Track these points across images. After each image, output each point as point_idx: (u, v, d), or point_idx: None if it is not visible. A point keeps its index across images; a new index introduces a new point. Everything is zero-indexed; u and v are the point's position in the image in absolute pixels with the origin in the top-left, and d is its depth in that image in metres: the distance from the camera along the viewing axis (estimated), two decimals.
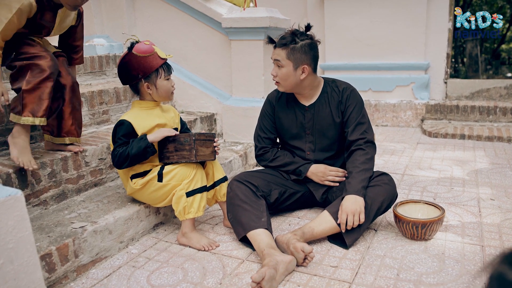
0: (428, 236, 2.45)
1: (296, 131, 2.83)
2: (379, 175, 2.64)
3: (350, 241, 2.41)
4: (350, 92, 2.75)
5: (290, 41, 2.57)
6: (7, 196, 1.32)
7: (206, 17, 4.22)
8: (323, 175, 2.78)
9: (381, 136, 5.24)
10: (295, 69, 2.60)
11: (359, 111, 2.72)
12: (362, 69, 6.02)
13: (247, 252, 2.42)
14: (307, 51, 2.59)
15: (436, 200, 3.07)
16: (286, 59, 2.58)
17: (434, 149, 4.55)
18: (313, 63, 2.64)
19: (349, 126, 2.70)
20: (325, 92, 2.77)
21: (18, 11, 2.33)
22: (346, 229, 2.38)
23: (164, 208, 2.81)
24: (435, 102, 5.67)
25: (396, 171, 3.78)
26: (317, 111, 2.76)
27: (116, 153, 2.44)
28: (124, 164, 2.44)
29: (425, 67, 5.72)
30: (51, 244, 2.10)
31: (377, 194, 2.51)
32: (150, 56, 2.48)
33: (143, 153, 2.42)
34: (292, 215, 2.90)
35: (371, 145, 2.67)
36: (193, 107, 4.47)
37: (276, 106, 2.88)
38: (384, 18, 5.76)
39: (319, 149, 2.83)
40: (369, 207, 2.46)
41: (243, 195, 2.53)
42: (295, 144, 2.87)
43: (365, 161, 2.59)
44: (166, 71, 2.54)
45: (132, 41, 2.53)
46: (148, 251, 2.48)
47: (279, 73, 2.63)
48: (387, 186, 2.57)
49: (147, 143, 2.42)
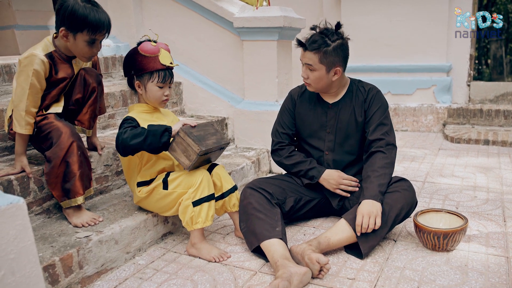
0: (450, 247, 2.42)
1: (316, 129, 2.83)
2: (398, 180, 2.62)
3: (366, 248, 2.39)
4: (376, 92, 2.75)
5: (322, 44, 2.54)
6: (8, 204, 1.32)
7: (217, 16, 4.23)
8: (335, 182, 2.76)
9: (401, 142, 5.21)
10: (328, 72, 2.60)
11: (383, 113, 2.71)
12: (381, 71, 6.00)
13: (260, 264, 2.41)
14: (339, 53, 2.58)
15: (458, 209, 3.04)
16: (318, 63, 2.58)
17: (456, 155, 4.52)
18: (344, 63, 2.65)
19: (371, 125, 2.70)
20: (351, 91, 2.78)
21: (34, 72, 2.36)
22: (362, 236, 2.37)
23: (173, 217, 2.80)
24: (458, 106, 5.63)
25: (417, 178, 3.76)
26: (340, 109, 2.76)
27: (125, 131, 2.37)
28: (133, 140, 2.33)
29: (447, 69, 5.68)
30: (55, 255, 2.10)
31: (395, 201, 2.49)
32: (150, 57, 2.49)
33: (161, 134, 2.35)
34: (307, 224, 2.89)
35: (392, 148, 2.65)
36: (203, 110, 4.47)
37: (298, 102, 2.88)
38: (403, 17, 5.74)
39: (338, 149, 2.82)
40: (387, 214, 2.44)
41: (257, 203, 2.52)
42: (313, 143, 2.86)
43: (385, 165, 2.57)
44: (161, 78, 2.52)
45: (147, 38, 2.56)
46: (156, 262, 2.48)
47: (311, 76, 2.63)
48: (406, 193, 2.54)
49: (168, 127, 2.38)
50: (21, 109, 2.38)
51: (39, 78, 2.40)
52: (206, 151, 2.36)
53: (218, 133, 2.59)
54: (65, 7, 2.31)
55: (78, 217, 2.45)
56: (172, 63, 2.57)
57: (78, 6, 2.30)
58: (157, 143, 2.34)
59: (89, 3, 2.35)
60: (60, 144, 2.39)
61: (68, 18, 2.32)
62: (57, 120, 2.48)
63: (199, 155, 2.33)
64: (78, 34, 2.36)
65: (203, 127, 2.51)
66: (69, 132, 2.42)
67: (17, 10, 5.55)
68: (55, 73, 2.48)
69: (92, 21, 2.33)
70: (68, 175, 2.41)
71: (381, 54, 5.98)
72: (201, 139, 2.38)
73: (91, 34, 2.37)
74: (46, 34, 5.64)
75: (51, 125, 2.44)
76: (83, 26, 2.34)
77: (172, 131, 2.38)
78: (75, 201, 2.44)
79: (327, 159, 2.84)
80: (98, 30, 2.38)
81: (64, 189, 2.42)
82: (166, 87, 2.57)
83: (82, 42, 2.39)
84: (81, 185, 2.45)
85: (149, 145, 2.34)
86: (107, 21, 2.41)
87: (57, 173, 2.39)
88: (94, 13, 2.34)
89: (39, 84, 2.41)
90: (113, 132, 3.50)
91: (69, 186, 2.42)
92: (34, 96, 2.41)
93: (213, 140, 2.48)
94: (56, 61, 2.48)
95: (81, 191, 2.45)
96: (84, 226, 2.41)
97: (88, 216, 2.46)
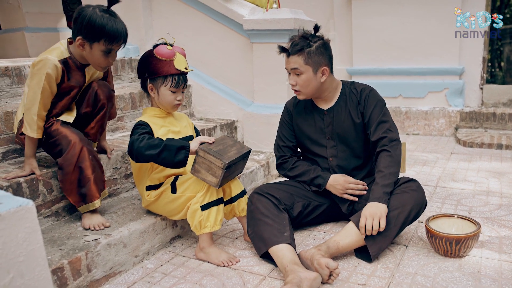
0: (462, 253, 2.41)
1: (316, 137, 2.83)
2: (407, 181, 2.60)
3: (374, 250, 2.38)
4: (369, 91, 2.74)
5: (305, 45, 2.58)
6: (17, 206, 1.33)
7: (226, 18, 4.24)
8: (342, 187, 2.75)
9: (412, 146, 5.19)
10: (315, 73, 2.61)
11: (380, 110, 2.70)
12: (392, 74, 5.98)
13: (269, 268, 2.41)
14: (323, 51, 2.61)
15: (471, 215, 3.02)
16: (304, 64, 2.59)
17: (469, 159, 4.50)
18: (330, 63, 2.67)
19: (371, 126, 2.69)
20: (344, 94, 2.78)
21: (47, 76, 2.39)
22: (370, 238, 2.36)
23: (182, 221, 2.81)
24: (470, 110, 5.61)
25: (428, 183, 3.74)
26: (336, 114, 2.76)
27: (142, 139, 2.36)
28: (148, 151, 2.32)
29: (459, 72, 5.66)
30: (63, 258, 2.11)
31: (404, 202, 2.47)
32: (165, 61, 2.50)
33: (176, 151, 2.34)
34: (317, 229, 2.88)
35: (396, 144, 2.64)
36: (212, 113, 4.48)
37: (294, 113, 2.89)
38: (415, 19, 5.72)
39: (342, 154, 2.81)
40: (396, 216, 2.43)
41: (264, 208, 2.52)
42: (316, 151, 2.86)
43: (389, 164, 2.57)
44: (174, 83, 2.53)
45: (163, 41, 2.56)
46: (164, 266, 2.49)
47: (298, 81, 2.64)
48: (415, 193, 2.52)
49: (186, 144, 2.37)
50: (33, 113, 2.41)
51: (51, 82, 2.42)
52: (230, 163, 2.36)
53: (237, 143, 2.60)
54: (83, 16, 2.33)
55: (89, 219, 2.47)
56: (187, 68, 2.58)
57: (96, 15, 2.33)
58: (172, 159, 2.34)
59: (107, 13, 2.38)
60: (71, 151, 2.41)
61: (85, 27, 2.34)
62: (64, 127, 2.50)
63: (224, 169, 2.33)
64: (94, 43, 2.39)
65: (220, 141, 2.51)
66: (77, 138, 2.45)
67: (27, 13, 5.58)
68: (68, 79, 2.50)
69: (109, 31, 2.35)
70: (83, 180, 2.44)
71: (392, 57, 5.96)
72: (222, 153, 2.38)
73: (107, 44, 2.39)
74: (56, 37, 5.69)
75: (58, 131, 2.47)
76: (100, 36, 2.36)
77: (189, 149, 2.37)
78: (92, 205, 2.48)
79: (332, 165, 2.84)
80: (115, 41, 2.40)
81: (80, 194, 2.46)
82: (179, 92, 2.58)
83: (98, 51, 2.41)
84: (96, 188, 2.48)
85: (163, 159, 2.35)
86: (124, 32, 2.43)
87: (71, 179, 2.43)
88: (112, 23, 2.36)
89: (50, 89, 2.44)
90: (122, 135, 3.52)
91: (85, 191, 2.45)
92: (45, 100, 2.44)
93: (234, 151, 2.48)
94: (70, 68, 2.50)
95: (97, 194, 2.49)
96: (91, 229, 2.43)
97: (98, 220, 2.47)
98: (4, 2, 5.73)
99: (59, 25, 5.93)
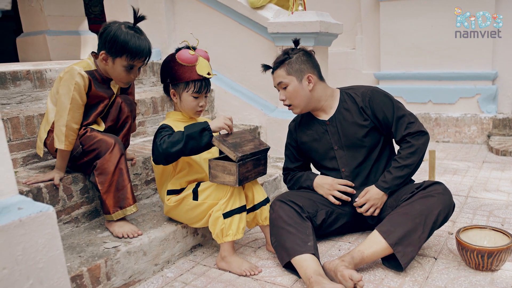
0: (495, 267, 2.38)
1: (324, 150, 2.83)
2: (432, 184, 2.56)
3: (405, 260, 2.34)
4: (370, 93, 2.73)
5: (285, 58, 2.70)
6: (38, 212, 1.35)
7: (250, 21, 4.26)
8: (329, 187, 2.76)
9: (442, 154, 5.14)
10: (300, 82, 2.68)
11: (391, 107, 2.69)
12: (422, 79, 5.94)
13: (292, 279, 2.40)
14: (304, 60, 2.70)
15: (504, 227, 2.98)
16: (287, 75, 2.69)
17: (502, 168, 4.44)
18: (315, 70, 2.74)
19: (391, 126, 2.69)
20: (343, 101, 2.78)
21: (76, 86, 2.45)
22: (398, 246, 2.33)
23: (203, 229, 2.82)
24: (504, 116, 5.54)
25: (459, 192, 3.70)
26: (339, 122, 2.76)
27: (163, 141, 2.38)
28: (174, 148, 2.34)
29: (492, 77, 5.59)
30: (82, 265, 2.14)
31: (431, 207, 2.44)
32: (187, 66, 2.52)
33: (199, 135, 2.37)
34: (342, 239, 2.87)
35: (419, 135, 2.65)
36: (235, 119, 4.49)
37: (297, 133, 2.93)
38: (446, 22, 5.66)
39: (354, 162, 2.78)
40: (423, 222, 2.39)
41: (287, 216, 2.52)
42: (328, 164, 2.86)
43: (407, 155, 2.61)
44: (197, 89, 2.55)
45: (186, 44, 2.59)
46: (184, 275, 2.50)
47: (287, 94, 2.72)
48: (442, 196, 2.48)
49: (206, 125, 2.40)
50: (61, 124, 2.46)
51: (81, 92, 2.47)
52: (243, 157, 2.37)
53: (256, 139, 2.61)
54: (108, 31, 2.44)
55: (120, 227, 2.50)
56: (210, 74, 2.59)
57: (120, 31, 2.43)
58: (199, 145, 2.38)
59: (132, 29, 2.47)
60: (113, 151, 2.47)
61: (109, 42, 2.44)
62: (98, 132, 2.56)
63: (237, 162, 2.35)
64: (117, 58, 2.48)
65: (239, 134, 2.54)
66: (117, 141, 2.51)
67: (49, 16, 5.68)
68: (97, 87, 2.55)
69: (132, 48, 2.44)
70: (121, 183, 2.50)
71: (422, 61, 5.92)
72: (236, 146, 2.40)
73: (129, 59, 2.47)
74: (77, 40, 5.77)
75: (94, 135, 2.52)
76: (123, 52, 2.45)
77: (210, 128, 2.40)
78: (130, 209, 2.52)
79: (346, 176, 2.81)
80: (137, 57, 2.49)
81: (117, 198, 2.49)
82: (201, 98, 2.60)
83: (120, 67, 2.50)
84: (132, 193, 2.53)
85: (191, 149, 2.38)
86: (147, 49, 2.52)
87: (111, 180, 2.47)
88: (135, 40, 2.45)
89: (81, 99, 2.48)
90: (143, 140, 3.55)
91: (123, 194, 2.50)
92: (75, 111, 2.48)
93: (251, 146, 2.49)
94: (96, 80, 2.56)
95: (134, 199, 2.54)
96: (124, 237, 2.46)
97: (131, 228, 2.50)
98: (27, 5, 5.84)
99: (81, 28, 6.01)
